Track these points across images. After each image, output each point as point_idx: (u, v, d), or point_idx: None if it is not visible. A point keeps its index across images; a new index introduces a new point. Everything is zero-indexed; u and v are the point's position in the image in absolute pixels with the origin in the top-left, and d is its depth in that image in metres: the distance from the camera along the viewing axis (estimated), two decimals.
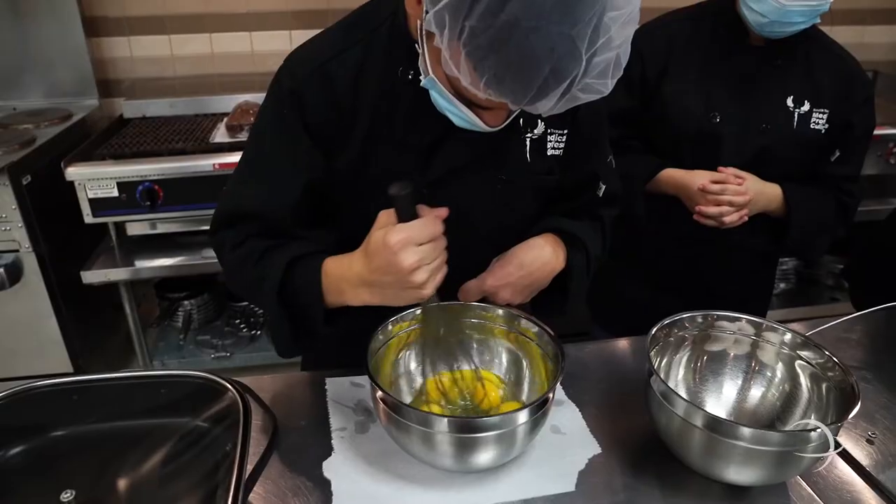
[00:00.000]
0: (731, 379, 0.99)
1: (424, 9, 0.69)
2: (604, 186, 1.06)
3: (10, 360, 2.04)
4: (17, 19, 2.26)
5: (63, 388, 0.84)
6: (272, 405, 1.02)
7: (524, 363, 1.00)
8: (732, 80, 1.31)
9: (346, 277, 0.86)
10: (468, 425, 0.83)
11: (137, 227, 2.06)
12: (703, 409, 0.82)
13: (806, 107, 1.30)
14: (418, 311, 0.95)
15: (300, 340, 0.95)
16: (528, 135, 0.97)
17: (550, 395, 0.86)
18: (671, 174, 1.35)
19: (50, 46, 2.31)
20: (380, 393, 0.84)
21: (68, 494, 0.72)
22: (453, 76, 0.71)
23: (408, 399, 0.98)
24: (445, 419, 0.82)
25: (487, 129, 0.81)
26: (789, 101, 1.30)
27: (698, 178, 1.30)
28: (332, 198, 0.97)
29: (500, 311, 0.99)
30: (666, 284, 1.49)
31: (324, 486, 0.87)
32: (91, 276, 2.00)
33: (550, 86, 0.65)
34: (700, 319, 0.98)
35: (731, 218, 1.29)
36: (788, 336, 0.96)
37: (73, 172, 1.89)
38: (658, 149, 1.39)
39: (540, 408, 0.85)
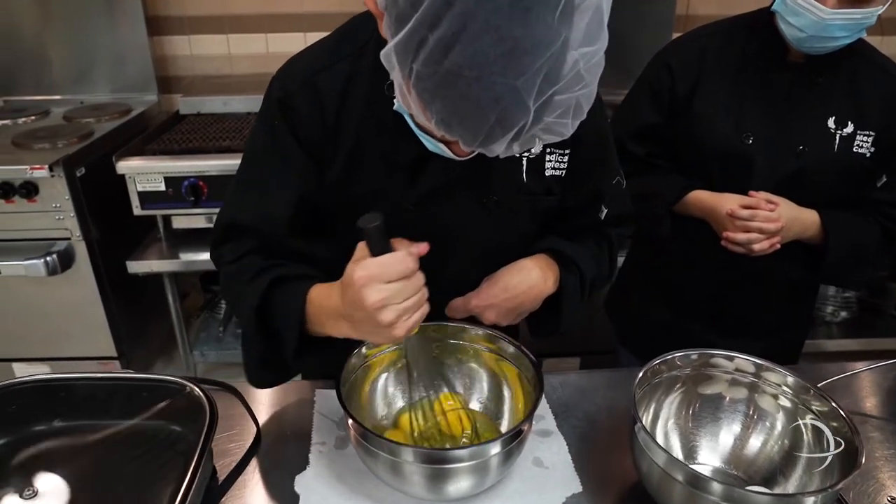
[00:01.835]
0: (727, 425, 0.92)
1: None
2: (605, 210, 1.01)
3: (60, 341, 2.17)
4: (88, 19, 2.39)
5: (48, 385, 0.87)
6: (264, 413, 1.03)
7: (505, 389, 0.96)
8: (768, 98, 1.21)
9: (326, 307, 0.84)
10: (437, 457, 0.80)
11: (184, 220, 2.12)
12: (683, 463, 0.76)
13: (849, 128, 1.19)
14: None
15: (270, 368, 0.93)
16: (525, 154, 0.93)
17: (524, 426, 0.82)
18: (699, 196, 1.27)
19: (116, 44, 2.44)
20: (350, 420, 0.82)
21: (30, 491, 0.75)
22: (410, 111, 0.69)
23: (382, 420, 0.96)
24: (412, 449, 0.79)
25: (457, 158, 0.78)
26: (831, 122, 1.19)
27: (727, 202, 1.21)
28: (325, 212, 0.95)
29: (482, 332, 0.96)
30: (692, 308, 1.40)
31: (294, 500, 0.86)
32: (136, 266, 2.08)
33: (497, 134, 0.62)
34: (694, 357, 0.91)
35: (761, 246, 1.19)
36: (791, 380, 0.88)
37: (124, 166, 1.97)
38: (685, 168, 1.31)
39: (514, 439, 0.81)
